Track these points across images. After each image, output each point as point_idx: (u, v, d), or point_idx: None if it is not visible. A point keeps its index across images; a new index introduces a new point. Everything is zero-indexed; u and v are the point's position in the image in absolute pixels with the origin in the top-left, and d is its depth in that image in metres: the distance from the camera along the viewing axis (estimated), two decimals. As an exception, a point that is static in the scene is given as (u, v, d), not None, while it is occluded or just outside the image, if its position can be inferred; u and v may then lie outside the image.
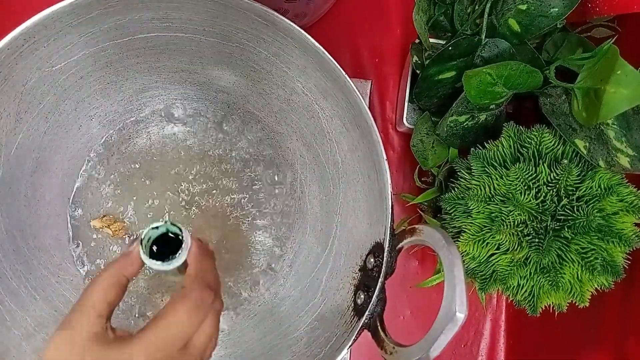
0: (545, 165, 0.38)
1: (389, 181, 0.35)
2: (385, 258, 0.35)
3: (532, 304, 0.40)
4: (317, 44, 0.35)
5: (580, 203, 0.38)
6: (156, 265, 0.30)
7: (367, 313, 0.34)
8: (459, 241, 0.40)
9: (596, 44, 0.40)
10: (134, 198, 0.48)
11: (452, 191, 0.42)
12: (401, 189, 0.55)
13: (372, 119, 0.35)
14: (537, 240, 0.39)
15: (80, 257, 0.47)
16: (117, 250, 0.48)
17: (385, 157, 0.35)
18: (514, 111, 0.48)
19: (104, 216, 0.47)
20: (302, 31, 0.35)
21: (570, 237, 0.38)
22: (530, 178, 0.39)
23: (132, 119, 0.48)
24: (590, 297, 0.40)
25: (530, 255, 0.39)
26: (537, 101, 0.40)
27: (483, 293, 0.42)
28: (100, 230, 0.47)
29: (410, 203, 0.49)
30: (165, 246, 0.31)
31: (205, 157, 0.49)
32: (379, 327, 0.34)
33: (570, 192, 0.38)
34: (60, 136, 0.44)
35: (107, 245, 0.47)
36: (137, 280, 0.47)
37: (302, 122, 0.45)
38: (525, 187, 0.39)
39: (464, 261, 0.40)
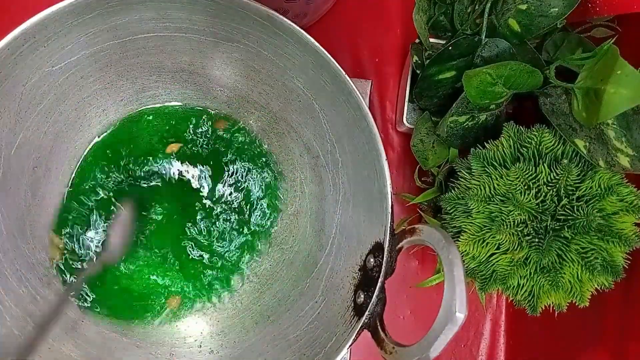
0: (545, 165, 0.38)
1: (389, 181, 0.35)
2: (385, 258, 0.35)
3: (532, 304, 0.40)
4: (317, 44, 0.35)
5: (580, 203, 0.38)
6: None
7: (367, 313, 0.34)
8: (459, 241, 0.40)
9: (596, 44, 0.40)
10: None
11: (452, 191, 0.42)
12: (401, 189, 0.55)
13: (372, 119, 0.35)
14: (537, 240, 0.39)
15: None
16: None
17: (385, 157, 0.35)
18: (514, 111, 0.47)
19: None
20: (302, 31, 0.35)
21: (570, 237, 0.38)
22: (530, 178, 0.39)
23: (132, 119, 0.48)
24: (590, 297, 0.39)
25: (530, 255, 0.39)
26: (537, 101, 0.40)
27: (483, 293, 0.42)
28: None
29: (410, 203, 0.49)
30: None
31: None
32: (379, 327, 0.34)
33: (570, 192, 0.38)
34: (60, 136, 0.44)
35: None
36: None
37: (302, 122, 0.45)
38: (525, 187, 0.39)
39: (464, 261, 0.40)
